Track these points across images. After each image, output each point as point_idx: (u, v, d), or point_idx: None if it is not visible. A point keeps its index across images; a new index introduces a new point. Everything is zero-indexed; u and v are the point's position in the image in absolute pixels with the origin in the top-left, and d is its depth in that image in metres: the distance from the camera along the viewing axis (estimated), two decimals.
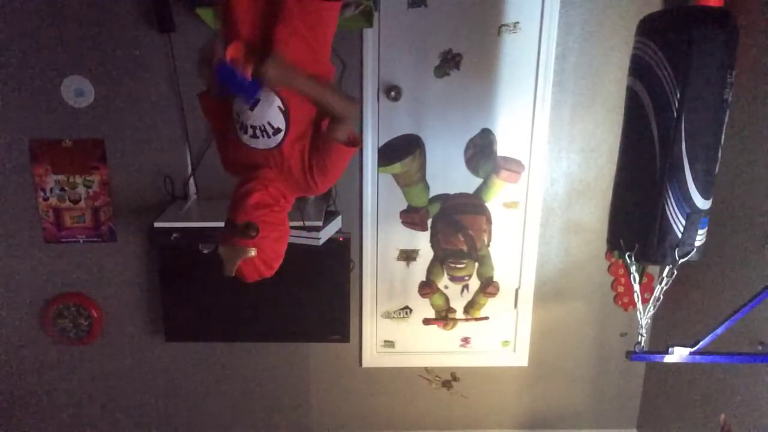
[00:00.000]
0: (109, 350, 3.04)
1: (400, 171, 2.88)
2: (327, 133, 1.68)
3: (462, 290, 3.06)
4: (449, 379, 3.20)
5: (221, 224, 2.54)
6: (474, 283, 3.05)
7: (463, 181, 2.90)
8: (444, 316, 3.10)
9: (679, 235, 1.87)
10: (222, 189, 2.81)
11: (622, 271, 3.02)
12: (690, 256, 1.90)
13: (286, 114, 1.62)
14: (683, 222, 1.86)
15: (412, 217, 2.95)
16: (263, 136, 1.64)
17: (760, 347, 2.30)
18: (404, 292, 3.06)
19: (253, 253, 1.58)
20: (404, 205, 2.94)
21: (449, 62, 2.73)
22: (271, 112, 1.61)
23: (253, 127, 1.63)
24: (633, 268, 2.04)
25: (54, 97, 2.66)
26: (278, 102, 1.60)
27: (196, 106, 2.67)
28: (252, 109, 1.61)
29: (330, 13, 1.67)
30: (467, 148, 2.86)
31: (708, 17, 1.80)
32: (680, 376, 2.88)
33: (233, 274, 1.59)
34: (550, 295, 3.08)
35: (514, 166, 2.89)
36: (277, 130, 1.63)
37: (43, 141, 2.72)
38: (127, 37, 2.61)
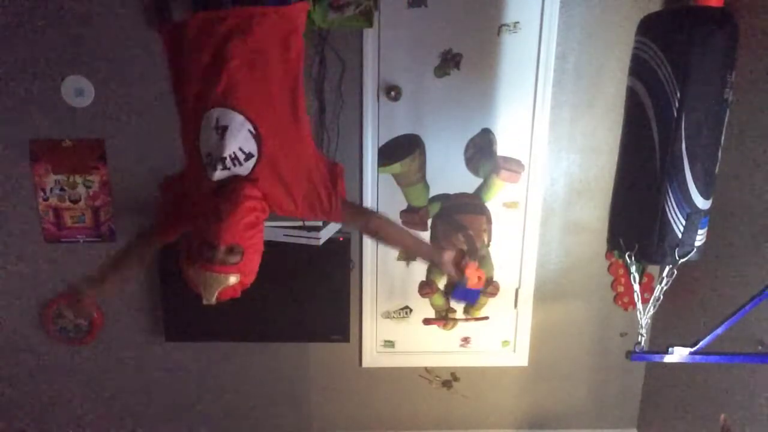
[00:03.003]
0: (109, 350, 3.04)
1: (400, 171, 2.88)
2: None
3: None
4: (449, 379, 3.19)
5: None
6: None
7: (463, 181, 2.90)
8: (444, 316, 3.09)
9: (679, 235, 1.87)
10: None
11: (622, 271, 3.02)
12: (690, 256, 1.90)
13: (257, 138, 1.56)
14: (683, 222, 1.86)
15: (412, 217, 2.95)
16: (234, 165, 1.55)
17: (760, 347, 2.30)
18: (404, 292, 3.06)
19: (235, 279, 1.46)
20: (404, 205, 2.93)
21: (449, 62, 2.73)
22: (240, 137, 1.54)
23: (223, 159, 1.53)
24: (633, 268, 2.04)
25: (54, 97, 2.66)
26: (249, 125, 1.55)
27: None
28: (222, 137, 1.53)
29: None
30: (467, 148, 2.86)
31: (708, 17, 1.80)
32: (680, 376, 2.88)
33: (215, 302, 1.46)
34: (550, 295, 3.08)
35: (514, 166, 2.89)
36: (249, 156, 1.56)
37: (43, 141, 2.71)
38: (127, 37, 2.61)
